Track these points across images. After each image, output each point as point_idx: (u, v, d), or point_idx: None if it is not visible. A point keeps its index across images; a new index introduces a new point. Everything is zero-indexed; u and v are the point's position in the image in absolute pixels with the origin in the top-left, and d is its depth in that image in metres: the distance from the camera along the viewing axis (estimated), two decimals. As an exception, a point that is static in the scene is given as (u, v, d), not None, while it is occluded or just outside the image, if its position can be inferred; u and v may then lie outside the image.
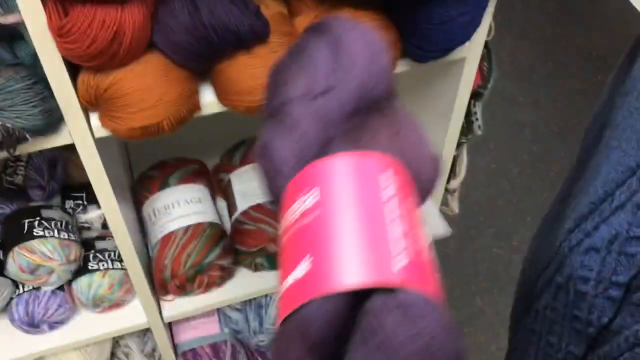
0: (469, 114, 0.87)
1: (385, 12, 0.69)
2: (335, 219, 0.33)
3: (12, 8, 0.62)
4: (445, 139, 0.85)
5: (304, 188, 0.36)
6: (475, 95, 0.85)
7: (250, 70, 0.66)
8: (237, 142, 1.09)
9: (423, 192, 0.39)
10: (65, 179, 1.02)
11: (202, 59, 0.65)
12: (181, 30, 0.61)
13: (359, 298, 0.30)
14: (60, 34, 0.56)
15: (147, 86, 0.63)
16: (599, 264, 0.47)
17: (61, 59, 0.60)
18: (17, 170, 0.95)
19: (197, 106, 0.69)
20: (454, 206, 1.07)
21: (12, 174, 0.94)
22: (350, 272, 0.30)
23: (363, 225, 0.33)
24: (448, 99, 0.81)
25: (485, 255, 1.89)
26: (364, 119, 0.39)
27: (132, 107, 0.64)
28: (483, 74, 0.83)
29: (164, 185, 1.02)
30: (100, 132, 0.68)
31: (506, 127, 2.17)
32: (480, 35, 0.73)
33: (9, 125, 0.61)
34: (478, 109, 0.86)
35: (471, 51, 0.75)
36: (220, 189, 1.08)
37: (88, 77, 0.63)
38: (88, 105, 0.66)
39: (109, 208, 0.78)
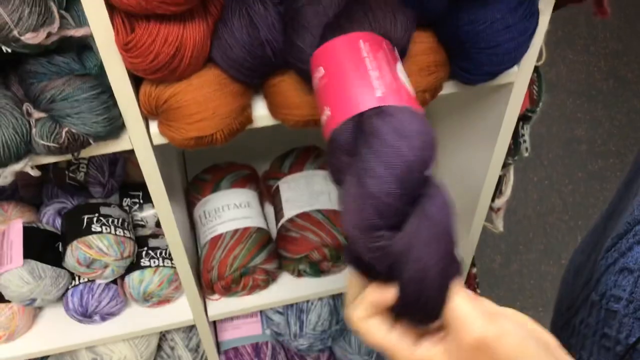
0: (516, 135, 0.88)
1: (435, 34, 0.71)
2: (335, 79, 0.54)
3: (83, 22, 0.67)
4: (491, 159, 0.86)
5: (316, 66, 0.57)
6: (523, 118, 0.85)
7: (301, 85, 0.69)
8: (287, 151, 1.12)
9: (398, 46, 0.60)
10: (124, 178, 1.07)
11: (256, 74, 0.68)
12: (238, 47, 0.64)
13: (362, 120, 0.50)
14: (125, 49, 0.60)
15: (204, 99, 0.67)
16: (631, 284, 0.48)
17: (126, 71, 0.64)
18: (80, 168, 1.00)
19: (249, 119, 0.72)
20: (499, 224, 1.08)
21: (75, 171, 1.00)
22: (352, 106, 0.51)
23: (353, 77, 0.53)
24: (495, 121, 0.82)
25: (532, 272, 1.88)
26: None
27: (189, 118, 0.67)
28: (532, 97, 0.84)
29: (215, 188, 1.06)
30: (158, 139, 0.72)
31: (562, 143, 2.14)
32: (530, 61, 0.74)
33: (74, 130, 0.65)
34: (526, 131, 0.87)
35: (520, 76, 0.75)
36: (269, 195, 1.11)
37: (150, 89, 0.67)
38: (148, 114, 0.70)
39: (162, 209, 0.82)
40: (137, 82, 0.68)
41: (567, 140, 2.15)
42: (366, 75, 0.53)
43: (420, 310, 0.45)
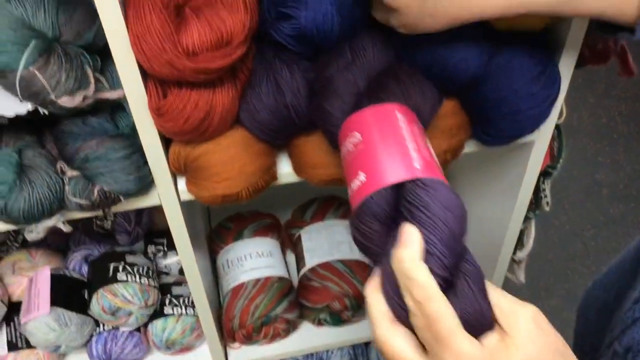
0: (537, 190, 0.88)
1: (458, 98, 0.72)
2: (374, 146, 0.55)
3: (116, 83, 0.69)
4: (512, 214, 0.87)
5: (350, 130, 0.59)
6: (544, 174, 0.86)
7: (324, 146, 0.71)
8: (309, 200, 1.13)
9: (424, 121, 0.63)
10: (149, 225, 1.09)
11: (281, 135, 0.70)
12: (265, 110, 0.67)
13: (398, 189, 0.51)
14: (158, 113, 0.63)
15: (231, 159, 0.69)
16: None
17: (157, 132, 0.66)
18: (107, 216, 1.02)
19: (274, 177, 0.74)
20: (520, 275, 1.08)
21: (103, 219, 1.02)
22: (391, 174, 0.52)
23: (391, 146, 0.54)
24: (516, 177, 0.83)
25: (554, 318, 1.85)
26: None
27: (216, 177, 0.69)
28: (553, 153, 0.85)
29: (238, 237, 1.08)
30: (186, 195, 0.74)
31: (583, 186, 2.13)
32: (550, 121, 0.75)
33: (106, 189, 0.67)
34: (547, 186, 0.87)
35: (540, 135, 0.77)
36: (290, 243, 1.12)
37: (179, 148, 0.69)
38: (177, 172, 0.72)
39: (186, 260, 0.84)
40: (167, 141, 0.70)
41: (589, 184, 2.15)
42: (404, 146, 0.54)
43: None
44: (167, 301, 1.01)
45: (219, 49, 0.59)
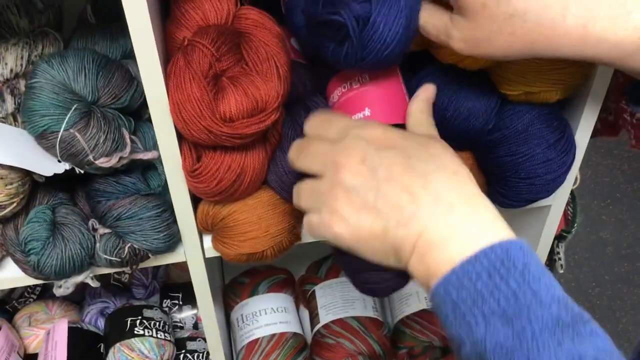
0: (552, 252, 0.90)
1: (474, 158, 0.75)
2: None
3: (148, 144, 0.72)
4: (526, 276, 0.89)
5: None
6: (559, 237, 0.88)
7: None
8: (324, 256, 1.15)
9: None
10: (164, 279, 1.10)
11: None
12: (293, 173, 0.69)
13: None
14: (192, 175, 0.65)
15: (257, 218, 0.71)
16: None
17: (188, 192, 0.68)
18: (134, 272, 1.04)
19: (298, 237, 0.76)
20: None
21: (121, 272, 1.04)
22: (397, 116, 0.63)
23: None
24: (531, 240, 0.85)
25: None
26: None
27: (242, 236, 0.71)
28: (567, 218, 0.87)
29: (253, 292, 1.09)
30: (211, 253, 0.76)
31: (588, 245, 2.15)
32: (566, 186, 0.77)
33: (136, 246, 0.69)
34: (561, 249, 0.89)
35: (556, 200, 0.79)
36: (305, 299, 1.13)
37: (207, 207, 0.71)
38: (203, 230, 0.74)
39: (206, 316, 0.85)
40: (195, 200, 0.72)
41: (593, 242, 2.16)
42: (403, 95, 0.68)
43: None
44: (181, 357, 1.01)
45: (254, 115, 0.62)
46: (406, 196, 0.51)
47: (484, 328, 0.45)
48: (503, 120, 0.70)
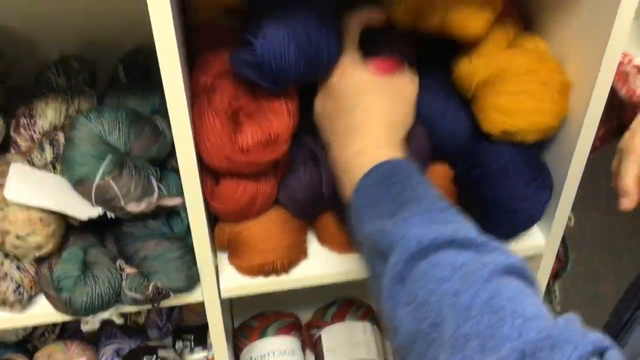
0: (548, 292, 0.95)
1: (459, 194, 0.82)
2: None
3: (171, 190, 0.79)
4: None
5: None
6: (555, 276, 0.94)
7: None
8: (330, 302, 1.20)
9: None
10: (177, 321, 1.15)
11: (313, 212, 0.82)
12: (301, 190, 0.78)
13: None
14: (211, 197, 0.75)
15: (269, 233, 0.80)
16: None
17: (208, 235, 0.75)
18: (141, 312, 1.09)
19: (305, 252, 0.85)
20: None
21: (138, 313, 1.09)
22: None
23: None
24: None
25: None
26: None
27: (254, 249, 0.80)
28: (560, 258, 0.93)
29: (262, 334, 1.14)
30: (226, 294, 0.82)
31: (587, 298, 2.18)
32: (556, 233, 0.83)
33: (160, 285, 0.75)
34: (557, 287, 0.95)
35: (548, 246, 0.85)
36: (311, 343, 1.18)
37: (224, 225, 0.81)
38: (220, 247, 0.83)
39: (220, 355, 0.90)
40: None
41: (593, 295, 2.20)
42: None
43: None
44: (193, 396, 1.05)
45: (268, 146, 0.71)
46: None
47: (372, 225, 0.57)
48: (485, 158, 0.77)
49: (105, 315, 0.77)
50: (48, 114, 0.79)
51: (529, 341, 0.44)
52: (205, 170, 0.74)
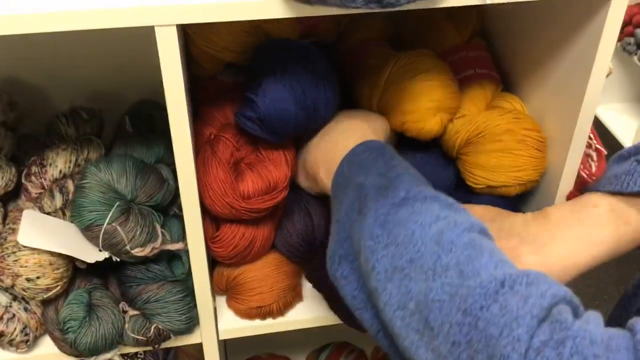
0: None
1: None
2: None
3: (175, 239, 0.83)
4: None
5: None
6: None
7: None
8: (324, 345, 1.23)
9: None
10: (173, 364, 1.17)
11: (307, 255, 0.85)
12: (296, 234, 0.83)
13: None
14: (212, 241, 0.80)
15: (264, 277, 0.84)
16: None
17: (208, 279, 0.79)
18: (138, 355, 1.11)
19: (300, 295, 0.89)
20: None
21: (134, 356, 1.11)
22: None
23: None
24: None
25: None
26: None
27: (251, 291, 0.84)
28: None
29: (256, 378, 1.16)
30: (224, 335, 0.85)
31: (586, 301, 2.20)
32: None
33: (161, 327, 0.79)
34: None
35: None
36: (304, 386, 1.21)
37: (222, 269, 0.85)
38: (218, 290, 0.86)
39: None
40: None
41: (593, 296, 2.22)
42: None
43: None
44: None
45: (267, 193, 0.76)
46: None
47: (363, 180, 0.62)
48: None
49: (108, 356, 0.80)
50: (58, 163, 0.83)
51: (507, 273, 0.48)
52: (207, 215, 0.79)
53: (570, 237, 0.68)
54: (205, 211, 0.78)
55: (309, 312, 0.88)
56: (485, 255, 0.51)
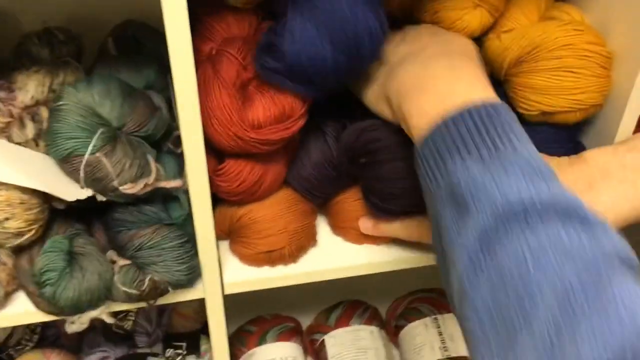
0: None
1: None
2: None
3: (168, 173, 0.70)
4: None
5: None
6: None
7: (361, 202, 0.74)
8: (334, 304, 1.11)
9: None
10: (167, 328, 1.06)
11: (324, 191, 0.74)
12: (310, 166, 0.71)
13: None
14: (216, 175, 0.67)
15: (275, 216, 0.72)
16: None
17: (212, 219, 0.66)
18: (128, 317, 1.00)
19: (314, 237, 0.76)
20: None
21: (124, 319, 0.99)
22: None
23: None
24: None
25: None
26: None
27: (260, 233, 0.72)
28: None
29: (261, 341, 1.05)
30: (230, 289, 0.73)
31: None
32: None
33: (157, 279, 0.66)
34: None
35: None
36: (312, 349, 1.09)
37: (225, 208, 0.73)
38: (220, 234, 0.74)
39: (220, 354, 0.82)
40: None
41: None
42: None
43: None
44: (186, 407, 0.96)
45: (282, 122, 0.64)
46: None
47: (460, 166, 0.48)
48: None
49: (94, 313, 0.68)
50: (29, 87, 0.69)
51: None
52: (208, 146, 0.65)
53: (610, 186, 0.58)
54: (206, 142, 0.65)
55: (325, 261, 0.76)
56: (613, 315, 0.38)
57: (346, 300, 1.11)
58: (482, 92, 0.53)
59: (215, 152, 0.67)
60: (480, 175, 0.46)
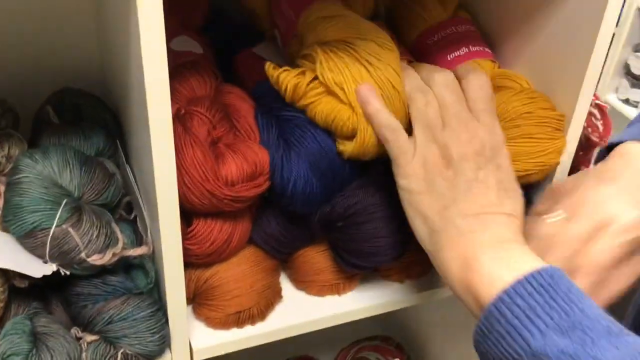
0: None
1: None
2: None
3: (132, 242, 0.68)
4: None
5: None
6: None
7: (327, 253, 0.75)
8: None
9: None
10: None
11: (289, 247, 0.74)
12: (275, 222, 0.71)
13: None
14: (186, 238, 0.65)
15: (243, 275, 0.71)
16: None
17: (183, 285, 0.64)
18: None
19: (279, 293, 0.76)
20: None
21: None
22: None
23: None
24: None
25: None
26: None
27: (228, 294, 0.70)
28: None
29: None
30: (198, 356, 0.71)
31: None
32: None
33: (129, 352, 0.63)
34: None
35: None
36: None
37: (188, 272, 0.70)
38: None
39: None
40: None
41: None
42: None
43: None
44: None
45: (254, 179, 0.64)
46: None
47: (542, 339, 0.48)
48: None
49: (62, 397, 0.63)
50: (-28, 162, 0.66)
51: None
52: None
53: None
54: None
55: (292, 317, 0.75)
56: None
57: (292, 358, 1.10)
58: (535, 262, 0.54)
59: (182, 215, 0.66)
60: (567, 349, 0.47)
